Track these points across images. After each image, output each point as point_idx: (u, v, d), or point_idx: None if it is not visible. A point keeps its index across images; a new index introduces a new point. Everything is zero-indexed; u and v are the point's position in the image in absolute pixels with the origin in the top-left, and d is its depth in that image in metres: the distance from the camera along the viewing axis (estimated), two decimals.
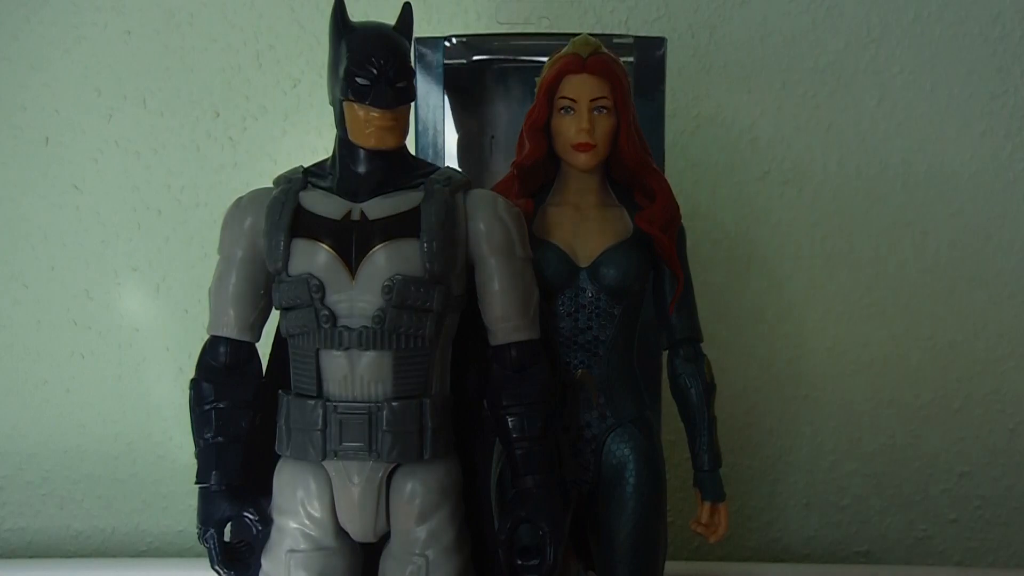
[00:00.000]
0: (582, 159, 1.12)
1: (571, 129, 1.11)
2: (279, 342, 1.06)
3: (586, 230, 1.14)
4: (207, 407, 1.04)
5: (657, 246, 1.14)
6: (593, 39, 1.14)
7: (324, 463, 1.00)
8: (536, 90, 1.14)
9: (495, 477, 1.15)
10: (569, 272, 1.13)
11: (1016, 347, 1.83)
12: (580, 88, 1.11)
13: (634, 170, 1.14)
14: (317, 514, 1.01)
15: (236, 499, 1.04)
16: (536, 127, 1.13)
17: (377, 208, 1.00)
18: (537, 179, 1.16)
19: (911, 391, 1.84)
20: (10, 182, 1.81)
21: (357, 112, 0.99)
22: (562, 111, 1.12)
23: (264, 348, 1.09)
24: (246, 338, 1.06)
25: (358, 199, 1.01)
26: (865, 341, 1.83)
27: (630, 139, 1.12)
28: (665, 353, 1.22)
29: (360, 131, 0.99)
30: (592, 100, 1.11)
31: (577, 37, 1.15)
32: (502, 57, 1.38)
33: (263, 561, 1.03)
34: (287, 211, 1.00)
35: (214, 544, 1.03)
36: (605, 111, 1.11)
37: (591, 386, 1.14)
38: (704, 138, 1.81)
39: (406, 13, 1.03)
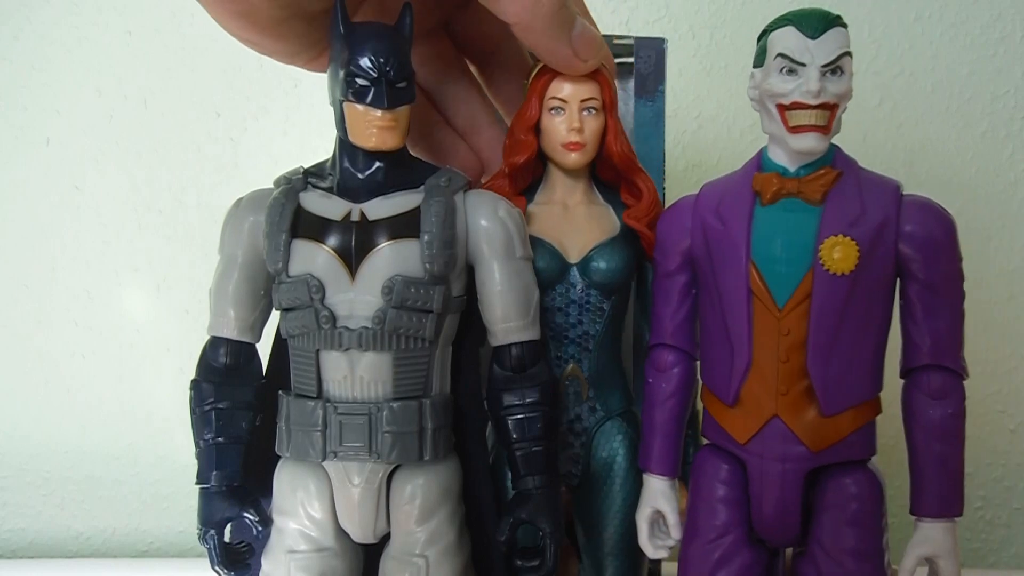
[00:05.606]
0: (572, 158, 1.13)
1: (562, 129, 1.12)
2: (279, 343, 1.06)
3: (575, 227, 1.15)
4: (207, 408, 1.04)
5: (644, 242, 1.15)
6: None
7: (324, 464, 1.00)
8: (526, 90, 1.15)
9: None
10: (560, 268, 1.14)
11: (1016, 347, 1.83)
12: (571, 89, 1.11)
13: (621, 168, 1.15)
14: (317, 515, 1.01)
15: (236, 500, 1.04)
16: (527, 126, 1.14)
17: (377, 209, 1.00)
18: (526, 178, 1.17)
19: None
20: (11, 182, 1.81)
21: (357, 113, 0.98)
22: (552, 111, 1.13)
23: (264, 348, 1.09)
24: (246, 339, 1.06)
25: (358, 200, 1.01)
26: None
27: (618, 138, 1.13)
28: None
29: (360, 132, 0.99)
30: (582, 101, 1.12)
31: None
32: None
33: (263, 562, 1.04)
34: (287, 212, 1.00)
35: (214, 545, 1.03)
36: (594, 111, 1.12)
37: (581, 380, 1.15)
38: (705, 138, 1.80)
39: (406, 13, 1.03)
